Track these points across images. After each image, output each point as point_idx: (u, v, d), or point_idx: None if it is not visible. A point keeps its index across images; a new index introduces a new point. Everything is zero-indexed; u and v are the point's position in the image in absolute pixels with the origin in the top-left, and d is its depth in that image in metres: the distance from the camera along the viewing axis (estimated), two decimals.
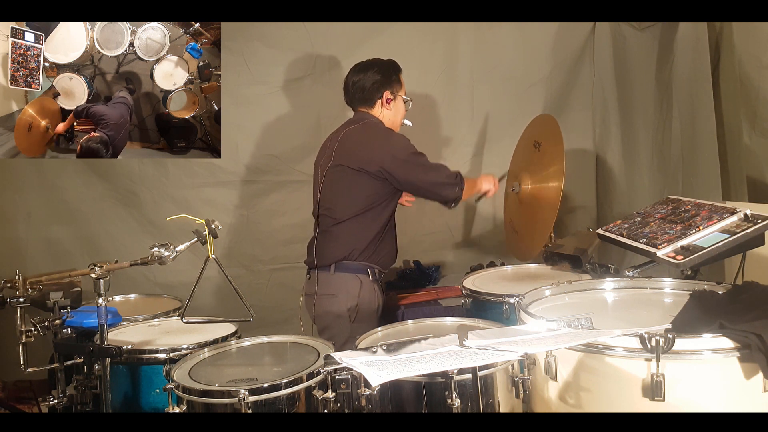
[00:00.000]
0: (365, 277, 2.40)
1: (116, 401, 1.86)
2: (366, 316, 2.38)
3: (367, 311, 2.39)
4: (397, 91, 2.53)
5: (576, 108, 3.42)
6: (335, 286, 2.39)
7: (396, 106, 2.53)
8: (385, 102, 2.50)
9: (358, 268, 2.40)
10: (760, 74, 2.52)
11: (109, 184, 3.09)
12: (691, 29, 2.71)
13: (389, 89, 2.50)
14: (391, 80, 2.51)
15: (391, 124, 2.52)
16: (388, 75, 2.51)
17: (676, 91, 2.84)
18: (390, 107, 2.52)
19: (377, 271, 2.45)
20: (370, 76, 2.48)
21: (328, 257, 2.41)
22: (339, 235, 2.41)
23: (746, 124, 2.61)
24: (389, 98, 2.50)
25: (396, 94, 2.52)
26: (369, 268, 2.41)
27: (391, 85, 2.51)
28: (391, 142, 2.41)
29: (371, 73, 2.49)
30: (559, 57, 3.35)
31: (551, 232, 2.49)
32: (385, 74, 2.50)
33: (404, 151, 2.39)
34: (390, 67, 2.53)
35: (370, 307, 2.40)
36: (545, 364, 1.53)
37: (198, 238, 1.81)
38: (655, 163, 3.08)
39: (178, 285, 2.92)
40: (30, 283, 1.96)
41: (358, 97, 2.51)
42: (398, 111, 2.55)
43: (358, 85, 2.50)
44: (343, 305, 2.35)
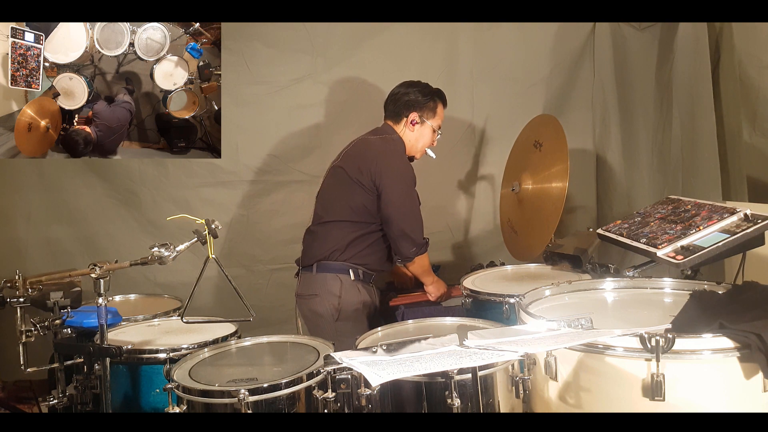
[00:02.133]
0: (346, 277, 2.40)
1: (116, 401, 1.86)
2: (351, 316, 2.39)
3: (351, 311, 2.40)
4: (428, 118, 2.51)
5: (576, 108, 3.42)
6: (316, 286, 2.42)
7: (420, 131, 2.51)
8: (409, 122, 2.50)
9: (338, 268, 2.41)
10: (760, 74, 2.52)
11: (109, 184, 3.09)
12: (691, 29, 2.71)
13: (419, 112, 2.49)
14: (425, 105, 2.50)
15: (411, 148, 2.51)
16: (425, 99, 2.50)
17: (676, 91, 2.84)
18: (413, 129, 2.50)
19: (361, 272, 2.44)
20: (408, 92, 2.50)
21: (311, 257, 2.45)
22: (322, 235, 2.46)
23: (746, 123, 2.61)
24: (415, 120, 2.49)
25: (424, 120, 2.50)
26: (351, 268, 2.41)
27: (422, 109, 2.50)
28: (393, 166, 2.41)
29: (411, 90, 2.51)
30: (559, 57, 3.35)
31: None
32: (422, 96, 2.50)
33: (401, 181, 2.39)
34: (431, 93, 2.52)
35: (353, 306, 2.40)
36: (545, 364, 1.53)
37: (198, 238, 1.81)
38: (655, 163, 3.08)
39: (178, 285, 2.92)
40: (30, 283, 1.96)
41: (390, 109, 2.54)
42: (422, 137, 2.52)
43: (393, 97, 2.53)
44: (325, 305, 2.38)
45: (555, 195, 2.41)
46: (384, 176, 2.37)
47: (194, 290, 1.90)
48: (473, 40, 3.30)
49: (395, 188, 2.38)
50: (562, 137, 2.45)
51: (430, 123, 2.51)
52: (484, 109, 3.38)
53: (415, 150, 2.54)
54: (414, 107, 2.50)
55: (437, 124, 2.54)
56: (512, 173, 2.84)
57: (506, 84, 3.36)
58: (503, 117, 3.34)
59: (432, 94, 2.52)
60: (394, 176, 2.38)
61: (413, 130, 2.51)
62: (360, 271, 2.43)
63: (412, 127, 2.50)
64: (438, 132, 2.56)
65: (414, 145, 2.53)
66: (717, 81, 2.70)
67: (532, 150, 2.67)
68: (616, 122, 3.35)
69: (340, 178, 2.44)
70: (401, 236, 2.38)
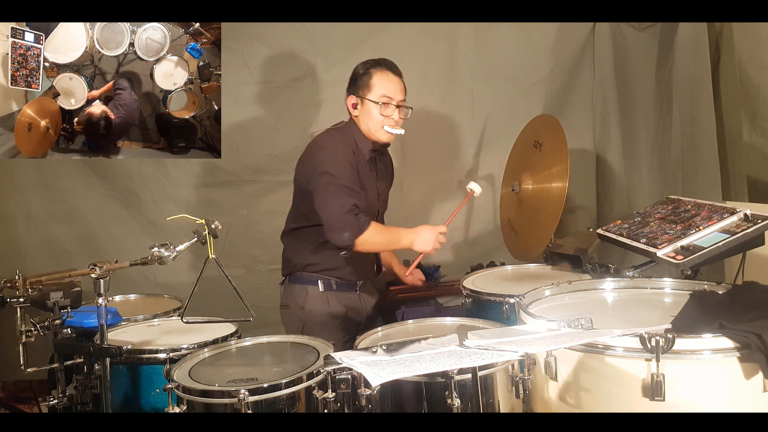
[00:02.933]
0: (313, 288, 2.34)
1: (116, 401, 1.86)
2: (316, 328, 2.25)
3: (318, 323, 2.30)
4: (365, 95, 2.30)
5: (576, 108, 3.42)
6: (286, 297, 2.41)
7: (363, 112, 2.32)
8: (351, 108, 2.35)
9: (306, 278, 2.35)
10: (760, 74, 2.52)
11: (109, 184, 3.09)
12: (691, 29, 2.71)
13: (354, 93, 2.34)
14: (357, 83, 2.33)
15: (368, 132, 2.34)
16: (354, 79, 2.34)
17: (676, 91, 2.84)
18: (357, 113, 2.34)
19: (334, 282, 2.35)
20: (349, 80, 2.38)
21: (284, 268, 2.44)
22: (288, 245, 2.43)
23: (746, 123, 2.61)
24: (354, 104, 2.34)
25: (362, 98, 2.31)
26: (320, 279, 2.34)
27: (356, 89, 2.33)
28: (316, 160, 2.25)
29: (351, 76, 2.38)
30: (559, 57, 3.35)
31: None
32: (352, 78, 2.35)
33: (320, 165, 2.22)
34: (362, 66, 2.35)
35: (319, 319, 2.32)
36: (545, 364, 1.53)
37: (198, 238, 1.81)
38: (655, 163, 3.08)
39: (178, 285, 2.92)
40: (30, 283, 1.96)
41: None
42: (368, 117, 2.31)
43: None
44: (292, 316, 2.37)
45: (555, 195, 2.41)
46: (309, 175, 2.25)
47: (194, 290, 1.90)
48: (473, 40, 3.30)
49: (317, 184, 2.21)
50: (562, 137, 2.45)
51: (369, 98, 2.29)
52: (484, 109, 3.37)
53: (372, 134, 2.33)
54: (349, 91, 2.35)
55: (378, 95, 2.28)
56: (512, 173, 2.84)
57: (506, 84, 3.36)
58: (503, 117, 3.34)
59: (363, 67, 2.33)
60: (316, 171, 2.22)
61: (357, 113, 2.34)
62: (333, 282, 2.35)
63: (355, 112, 2.34)
64: (387, 103, 2.29)
65: (368, 129, 2.33)
66: (717, 81, 2.70)
67: (532, 150, 2.67)
68: (616, 122, 3.35)
69: (294, 185, 2.41)
70: (329, 229, 2.17)
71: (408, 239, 2.29)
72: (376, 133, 2.33)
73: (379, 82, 2.30)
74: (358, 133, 2.36)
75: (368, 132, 2.34)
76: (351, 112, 2.37)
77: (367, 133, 2.35)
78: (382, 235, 2.26)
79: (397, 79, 2.34)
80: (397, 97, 2.32)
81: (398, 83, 2.34)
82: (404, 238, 2.30)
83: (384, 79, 2.31)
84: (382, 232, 2.28)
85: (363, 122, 2.34)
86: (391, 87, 2.31)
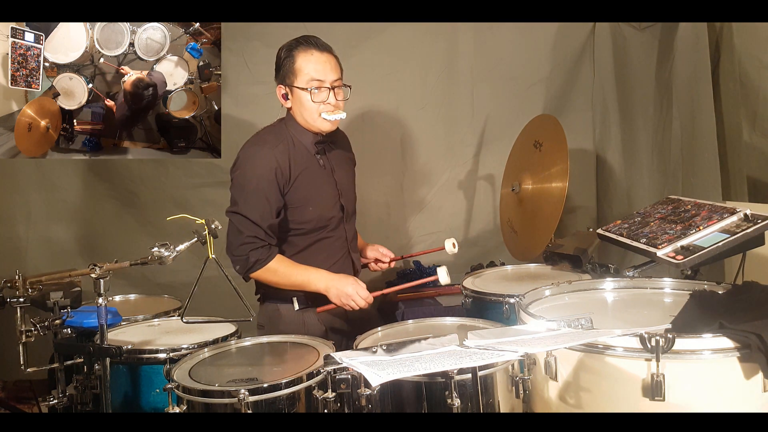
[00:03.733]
0: (287, 307, 2.13)
1: (116, 401, 1.86)
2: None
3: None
4: (292, 82, 2.05)
5: (576, 108, 3.42)
6: (261, 317, 2.21)
7: (295, 101, 2.08)
8: (282, 99, 2.12)
9: (279, 296, 2.14)
10: (760, 74, 2.52)
11: (109, 184, 3.09)
12: (691, 29, 2.70)
13: (281, 83, 2.10)
14: (282, 71, 2.08)
15: (304, 123, 2.10)
16: (277, 65, 2.10)
17: (676, 91, 2.84)
18: (289, 104, 2.11)
19: (310, 298, 2.13)
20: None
21: (256, 285, 2.22)
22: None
23: (746, 123, 2.61)
24: (283, 93, 2.11)
25: (290, 86, 2.06)
26: (295, 295, 2.12)
27: (282, 78, 2.09)
28: (242, 152, 2.08)
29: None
30: (559, 57, 3.35)
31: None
32: (276, 65, 2.11)
33: (232, 186, 2.07)
34: (279, 53, 2.09)
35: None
36: (545, 364, 1.53)
37: (198, 238, 1.81)
38: (655, 163, 3.08)
39: (178, 285, 2.92)
40: (30, 283, 1.96)
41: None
42: (300, 106, 2.06)
43: None
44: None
45: (555, 195, 2.41)
46: (231, 177, 2.10)
47: (194, 290, 1.90)
48: (473, 40, 3.30)
49: (231, 189, 2.09)
50: (562, 137, 2.45)
51: (297, 85, 2.04)
52: (484, 109, 3.38)
53: (310, 124, 2.09)
54: (276, 81, 2.12)
55: (306, 80, 2.03)
56: (512, 173, 2.84)
57: (506, 84, 3.36)
58: (503, 117, 3.34)
59: (285, 51, 2.07)
60: (233, 176, 2.08)
61: (290, 104, 2.10)
62: (308, 298, 2.13)
63: (287, 103, 2.11)
64: (320, 87, 2.03)
65: (304, 120, 2.09)
66: (717, 81, 2.70)
67: (532, 150, 2.67)
68: (616, 122, 3.35)
69: None
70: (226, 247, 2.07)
71: (323, 284, 2.06)
72: (314, 123, 2.08)
73: (306, 65, 2.03)
74: (295, 127, 2.12)
75: (305, 123, 2.10)
76: (283, 104, 2.13)
77: (305, 125, 2.10)
78: (280, 275, 2.06)
79: (324, 57, 2.06)
80: (329, 78, 2.05)
81: (327, 61, 2.06)
82: (317, 282, 2.07)
83: (310, 60, 2.03)
84: (283, 272, 2.06)
85: (297, 113, 2.09)
86: (320, 67, 2.04)
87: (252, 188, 2.03)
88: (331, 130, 2.14)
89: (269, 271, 2.06)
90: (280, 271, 2.07)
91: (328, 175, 2.18)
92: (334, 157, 2.23)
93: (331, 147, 2.23)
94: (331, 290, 2.07)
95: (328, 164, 2.20)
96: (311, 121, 2.08)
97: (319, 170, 2.16)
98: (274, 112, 3.17)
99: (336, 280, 2.08)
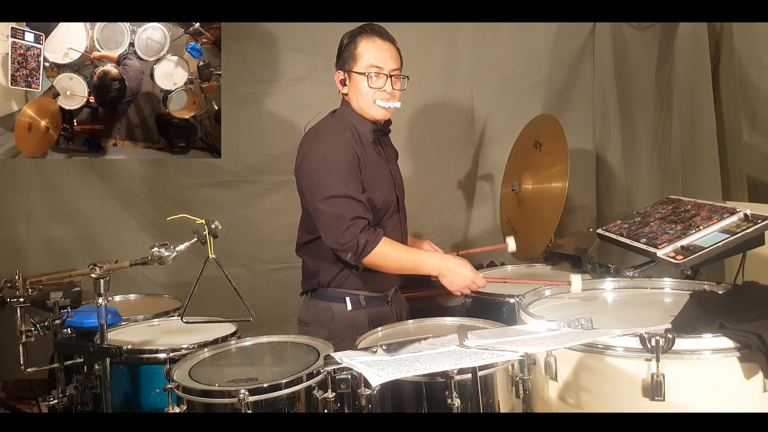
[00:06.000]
0: (340, 306, 2.09)
1: (116, 401, 1.86)
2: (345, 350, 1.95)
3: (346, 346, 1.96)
4: (351, 68, 2.05)
5: (576, 108, 3.42)
6: (306, 313, 2.17)
7: (353, 88, 2.06)
8: (340, 85, 2.11)
9: (332, 295, 2.09)
10: (760, 74, 2.52)
11: (109, 184, 3.09)
12: (691, 29, 2.71)
13: (340, 68, 2.09)
14: (342, 57, 2.08)
15: (360, 110, 2.08)
16: (339, 51, 2.10)
17: (676, 91, 2.84)
18: (347, 90, 2.09)
19: (363, 298, 2.10)
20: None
21: (305, 283, 2.19)
22: (305, 260, 2.17)
23: (746, 123, 2.61)
24: (342, 80, 2.09)
25: (349, 72, 2.05)
26: (348, 295, 2.08)
27: (342, 64, 2.08)
28: (307, 159, 2.02)
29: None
30: (559, 57, 3.35)
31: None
32: (338, 51, 2.10)
33: (311, 174, 1.98)
34: (342, 40, 2.09)
35: (346, 344, 1.91)
36: (545, 364, 1.53)
37: (198, 238, 1.81)
38: (655, 163, 3.08)
39: (178, 285, 2.92)
40: (30, 283, 1.96)
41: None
42: (357, 92, 2.05)
43: None
44: (314, 335, 2.02)
45: (555, 195, 2.41)
46: (305, 186, 2.05)
47: (194, 290, 1.90)
48: (473, 40, 3.31)
49: (311, 197, 2.01)
50: (562, 137, 2.45)
51: (356, 70, 2.04)
52: (484, 109, 3.38)
53: (364, 111, 2.08)
54: (336, 66, 2.11)
55: (365, 65, 2.03)
56: (512, 173, 2.84)
57: (506, 84, 3.36)
58: (503, 117, 3.34)
59: (348, 37, 2.08)
60: (308, 160, 2.02)
61: (347, 90, 2.09)
62: (361, 298, 2.09)
63: (345, 89, 2.09)
64: (378, 74, 2.02)
65: (359, 106, 2.08)
66: (717, 81, 2.70)
67: (532, 150, 2.67)
68: (616, 122, 3.36)
69: (299, 190, 2.14)
70: (326, 240, 1.98)
71: (434, 267, 2.01)
72: (368, 110, 2.07)
73: (366, 51, 2.04)
74: (353, 115, 2.10)
75: (360, 110, 2.08)
76: (341, 90, 2.12)
77: (360, 112, 2.09)
78: (389, 259, 1.98)
79: (386, 45, 2.07)
80: (388, 66, 2.05)
81: (388, 50, 2.07)
82: (430, 264, 2.01)
83: (371, 47, 2.04)
84: (393, 255, 1.98)
85: (353, 99, 2.08)
86: (380, 54, 2.04)
87: (338, 167, 1.97)
88: (384, 118, 2.12)
89: (377, 256, 1.96)
90: (390, 255, 1.98)
91: (384, 165, 2.17)
92: (388, 149, 2.24)
93: (384, 139, 2.23)
94: (445, 273, 2.00)
95: (384, 154, 2.19)
96: (365, 107, 2.07)
97: (377, 158, 2.14)
98: (274, 112, 3.20)
99: (451, 261, 2.01)
